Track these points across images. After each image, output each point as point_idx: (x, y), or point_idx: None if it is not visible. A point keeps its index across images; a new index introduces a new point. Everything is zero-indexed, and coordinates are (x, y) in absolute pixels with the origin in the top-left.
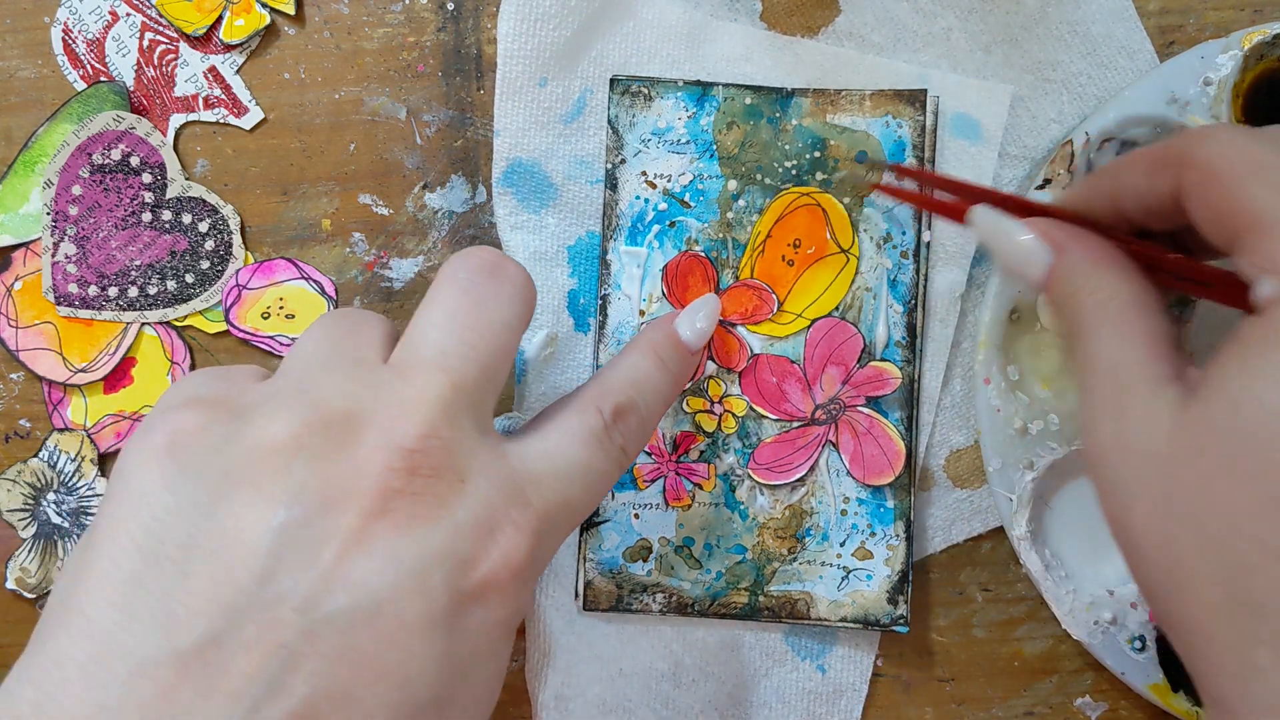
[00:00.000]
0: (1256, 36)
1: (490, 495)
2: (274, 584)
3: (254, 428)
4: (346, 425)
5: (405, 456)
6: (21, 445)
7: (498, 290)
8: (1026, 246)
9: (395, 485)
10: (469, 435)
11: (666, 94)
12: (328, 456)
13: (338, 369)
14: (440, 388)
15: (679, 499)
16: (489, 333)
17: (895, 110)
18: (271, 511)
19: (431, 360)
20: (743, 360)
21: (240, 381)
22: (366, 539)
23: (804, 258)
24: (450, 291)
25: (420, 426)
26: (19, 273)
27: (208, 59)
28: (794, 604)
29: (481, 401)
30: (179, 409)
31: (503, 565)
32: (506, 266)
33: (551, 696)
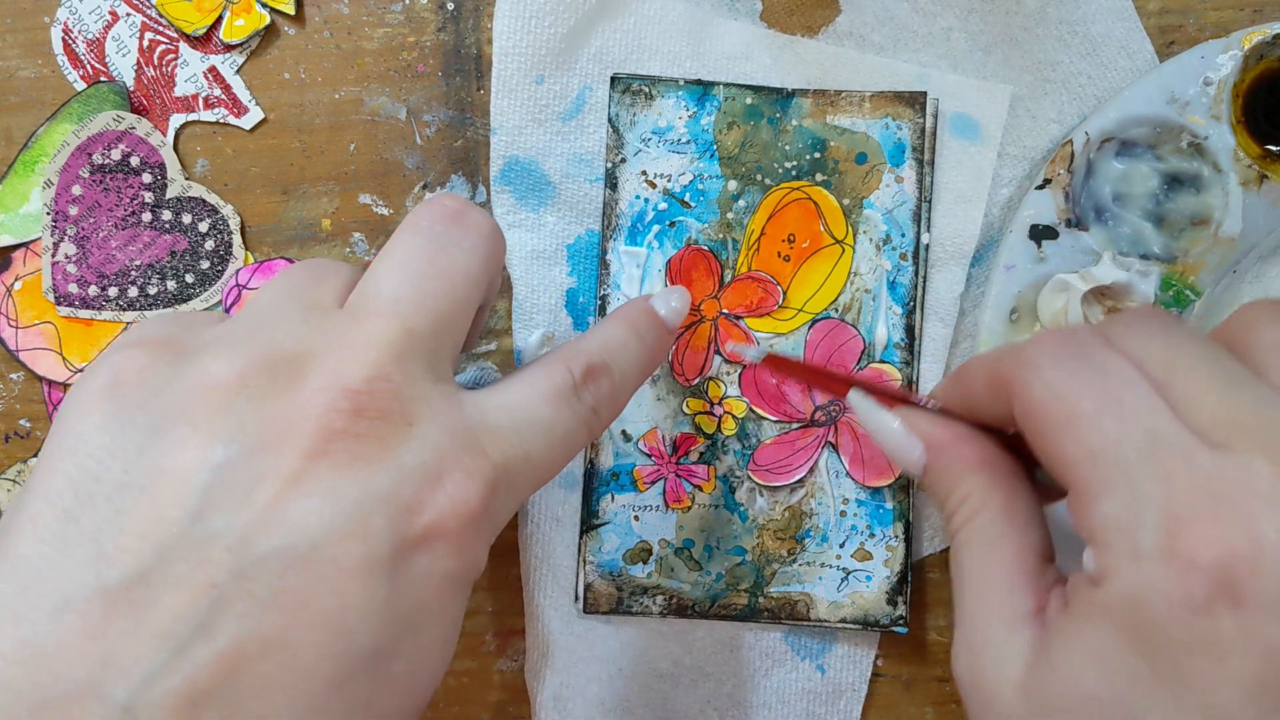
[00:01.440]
0: (1256, 36)
1: (440, 441)
2: (207, 522)
3: (197, 366)
4: (292, 366)
5: (350, 397)
6: (21, 445)
7: (460, 237)
8: (899, 438)
9: (338, 426)
10: (420, 381)
11: (667, 93)
12: (270, 396)
13: (290, 313)
14: (391, 332)
15: (679, 501)
16: (447, 280)
17: (895, 112)
18: (209, 449)
19: (385, 305)
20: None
21: (194, 325)
22: (305, 479)
23: (799, 252)
24: (409, 238)
25: (367, 369)
26: (19, 273)
27: (208, 59)
28: (794, 605)
29: (437, 349)
30: (126, 348)
31: (450, 512)
32: (471, 214)
33: (550, 696)
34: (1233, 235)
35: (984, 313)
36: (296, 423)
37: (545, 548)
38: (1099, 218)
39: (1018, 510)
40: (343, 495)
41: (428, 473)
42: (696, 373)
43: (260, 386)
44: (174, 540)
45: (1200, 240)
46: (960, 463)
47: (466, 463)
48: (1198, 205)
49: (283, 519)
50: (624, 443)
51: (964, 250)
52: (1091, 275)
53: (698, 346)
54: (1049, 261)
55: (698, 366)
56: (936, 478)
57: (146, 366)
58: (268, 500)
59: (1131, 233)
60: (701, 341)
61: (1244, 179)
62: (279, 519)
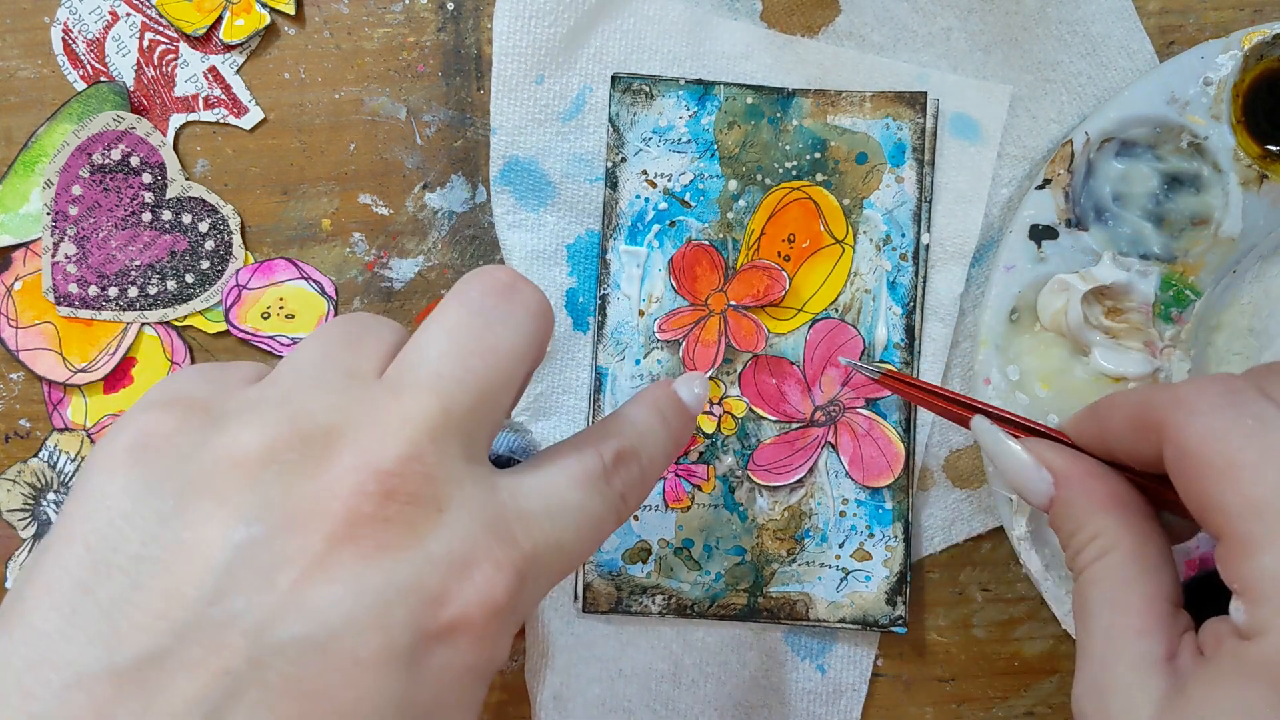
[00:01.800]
0: (1256, 36)
1: (470, 529)
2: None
3: (227, 436)
4: (325, 441)
5: (380, 479)
6: (21, 445)
7: (509, 313)
8: (1027, 470)
9: (366, 509)
10: (455, 463)
11: (668, 93)
12: (299, 473)
13: (327, 381)
14: (429, 410)
15: (678, 501)
16: (492, 357)
17: (895, 112)
18: (232, 526)
19: (425, 380)
20: (761, 342)
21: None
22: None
23: (799, 252)
24: (457, 310)
25: (401, 448)
26: (19, 273)
27: (208, 59)
28: (793, 605)
29: (475, 430)
30: (154, 408)
31: (477, 605)
32: (522, 289)
33: (550, 697)
34: (1233, 235)
35: (984, 313)
36: (323, 504)
37: None
38: (1099, 218)
39: (1150, 553)
40: (366, 584)
41: (455, 563)
42: (709, 366)
43: (289, 462)
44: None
45: (1200, 240)
46: (1091, 499)
47: (496, 553)
48: (1198, 205)
49: (302, 606)
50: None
51: (964, 250)
52: (1091, 275)
53: (708, 340)
54: (1049, 261)
55: (709, 360)
56: (1064, 511)
57: (175, 430)
58: (289, 585)
59: (1131, 233)
60: (712, 335)
61: (1244, 179)
62: (299, 606)
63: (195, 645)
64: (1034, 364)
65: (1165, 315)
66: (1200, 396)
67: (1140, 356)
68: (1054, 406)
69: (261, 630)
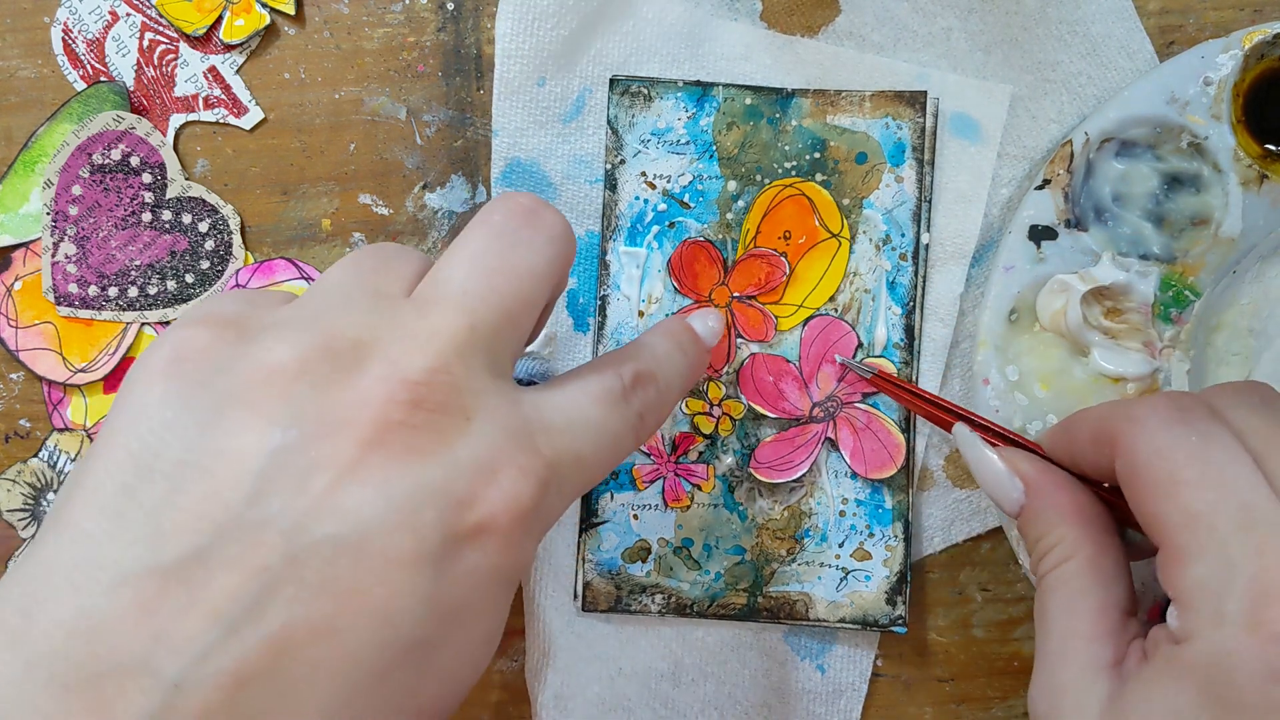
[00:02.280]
0: (1256, 36)
1: (496, 436)
2: (262, 506)
3: (260, 349)
4: (354, 354)
5: (409, 388)
6: (21, 445)
7: (531, 235)
8: (1001, 478)
9: (395, 416)
10: (480, 376)
11: (666, 94)
12: (330, 383)
13: (356, 299)
14: (455, 324)
15: (678, 500)
16: (515, 277)
17: (895, 112)
18: (267, 434)
19: (452, 298)
20: (770, 331)
21: (261, 305)
22: (360, 468)
23: (796, 248)
24: (481, 232)
25: (429, 360)
26: (19, 273)
27: (208, 59)
28: (792, 605)
29: (499, 345)
30: (191, 325)
31: (502, 508)
32: (544, 213)
33: (551, 696)
34: (1233, 235)
35: (983, 313)
36: (354, 411)
37: (546, 547)
38: (1098, 218)
39: (1106, 563)
40: (395, 486)
41: (482, 468)
42: (723, 361)
43: (321, 373)
44: (229, 522)
45: (1200, 240)
46: (1057, 509)
47: (521, 460)
48: (1198, 205)
49: (336, 507)
50: None
51: (964, 250)
52: (1091, 276)
53: None
54: (1048, 262)
55: (722, 355)
56: (1031, 519)
57: (210, 345)
58: (322, 488)
59: (1131, 233)
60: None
61: (1244, 179)
62: (332, 507)
63: (234, 544)
64: (1033, 364)
65: (1165, 316)
66: (1150, 413)
67: (1140, 357)
68: (1053, 407)
69: (297, 530)
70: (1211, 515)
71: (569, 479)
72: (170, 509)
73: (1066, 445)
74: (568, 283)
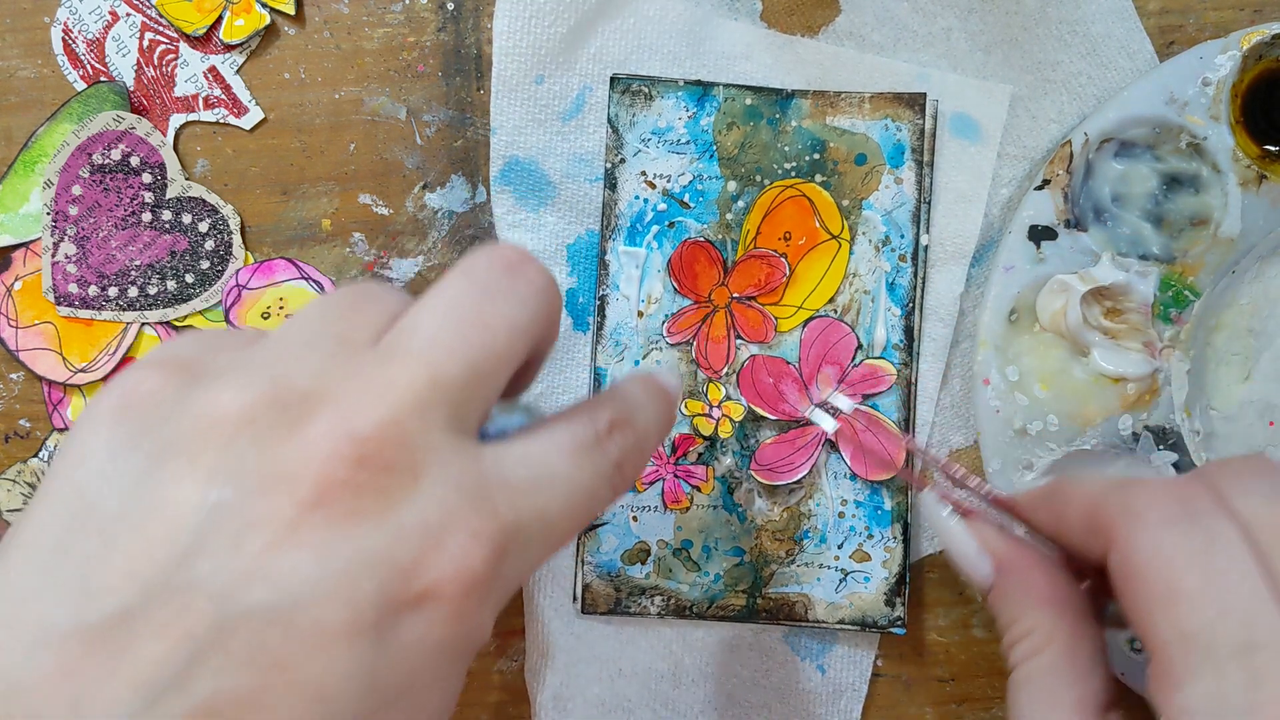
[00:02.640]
0: (1255, 37)
1: (446, 498)
2: (193, 567)
3: (207, 396)
4: (303, 405)
5: (356, 444)
6: (21, 445)
7: (511, 287)
8: (969, 553)
9: (339, 474)
10: (437, 433)
11: (667, 94)
12: (274, 436)
13: (317, 346)
14: (416, 377)
15: (677, 502)
16: (489, 331)
17: (895, 113)
18: (204, 488)
19: (417, 348)
20: (770, 332)
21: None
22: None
23: (796, 249)
24: (459, 281)
25: (381, 414)
26: (19, 273)
27: (208, 59)
28: (792, 606)
29: (464, 402)
30: (143, 368)
31: (450, 576)
32: (527, 266)
33: (550, 697)
34: (1232, 235)
35: (983, 313)
36: (296, 467)
37: None
38: (1098, 218)
39: (1081, 655)
40: (334, 552)
41: (429, 532)
42: (723, 362)
43: (266, 424)
44: (158, 583)
45: (1199, 240)
46: (1028, 592)
47: (474, 522)
48: (1197, 205)
49: (269, 572)
50: None
51: (964, 250)
52: (1090, 276)
53: (718, 337)
54: (1048, 262)
55: (723, 356)
56: (1001, 601)
57: (158, 389)
58: (257, 550)
59: (1130, 233)
60: (720, 330)
61: (1243, 179)
62: (265, 572)
63: (162, 607)
64: (1033, 364)
65: (1164, 316)
66: (1150, 506)
67: (1139, 357)
68: (1053, 407)
69: (227, 596)
70: (1210, 634)
71: (533, 541)
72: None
73: (1053, 519)
74: (556, 336)
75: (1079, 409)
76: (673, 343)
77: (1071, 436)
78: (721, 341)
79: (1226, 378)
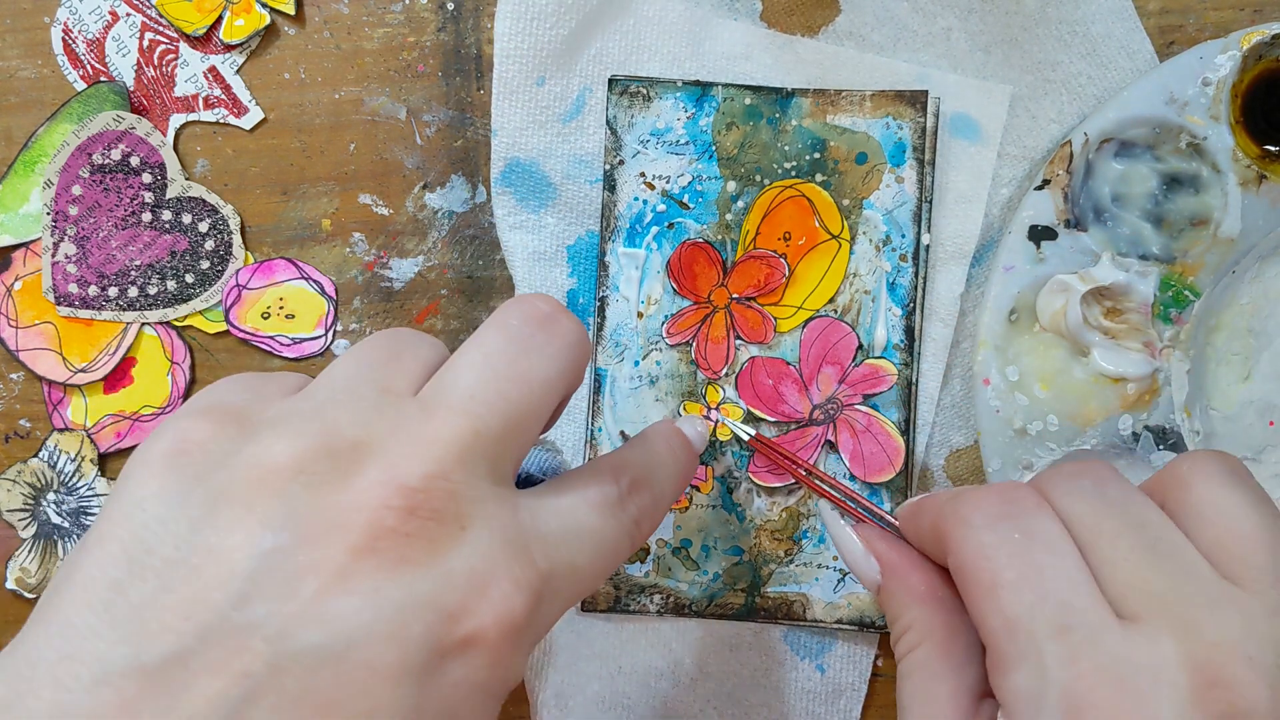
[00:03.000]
0: (1255, 37)
1: (491, 547)
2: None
3: (259, 445)
4: (353, 455)
5: (405, 494)
6: (21, 445)
7: (546, 342)
8: (858, 556)
9: (389, 523)
10: (480, 484)
11: (665, 94)
12: (326, 485)
13: (362, 396)
14: (459, 430)
15: (676, 501)
16: (525, 384)
17: (896, 111)
18: (258, 535)
19: (458, 402)
20: (769, 332)
21: (266, 393)
22: (349, 576)
23: (796, 249)
24: (495, 335)
25: (428, 465)
26: (19, 273)
27: (208, 59)
28: (790, 606)
29: (503, 452)
30: (193, 416)
31: (493, 622)
32: (560, 320)
33: (551, 694)
34: (1232, 235)
35: (983, 313)
36: (348, 516)
37: None
38: (1098, 218)
39: (956, 648)
40: (384, 596)
41: (474, 580)
42: (722, 363)
43: (318, 473)
44: (214, 624)
45: (1199, 241)
46: (908, 591)
47: (515, 572)
48: (1197, 206)
49: (322, 615)
50: (623, 443)
51: (964, 250)
52: (1090, 276)
53: (717, 338)
54: (1048, 262)
55: (722, 357)
56: (887, 599)
57: (210, 438)
58: (310, 594)
59: (1130, 233)
60: (720, 331)
61: (1243, 179)
62: (318, 615)
63: (218, 648)
64: (1033, 364)
65: (1164, 316)
66: (976, 510)
67: (1139, 357)
68: (1053, 407)
69: (282, 637)
70: (1030, 620)
71: (563, 589)
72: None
73: (915, 533)
74: (582, 380)
75: (1079, 409)
76: (672, 344)
77: (1071, 436)
78: (721, 342)
79: (1226, 378)
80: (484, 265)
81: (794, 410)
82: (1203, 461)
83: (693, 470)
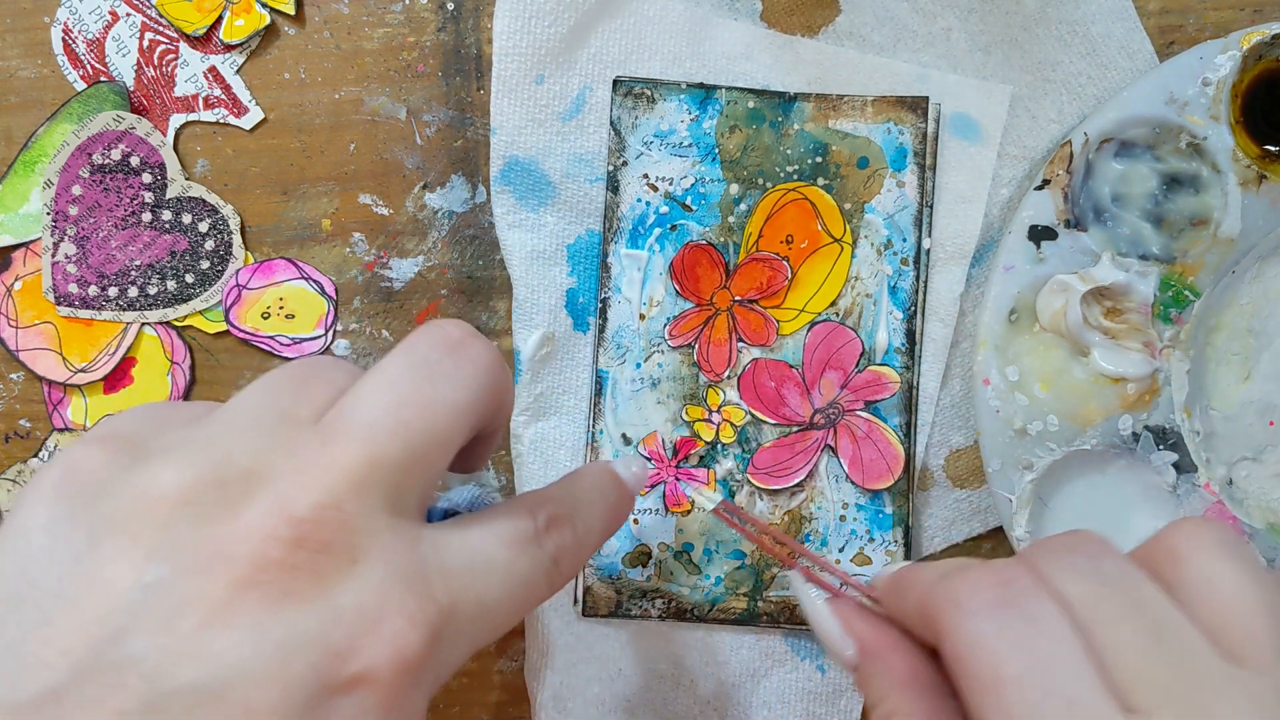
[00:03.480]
0: (1255, 37)
1: (385, 581)
2: (127, 645)
3: (147, 474)
4: (244, 484)
5: (293, 525)
6: (21, 445)
7: (454, 369)
8: (834, 635)
9: (274, 554)
10: (375, 515)
11: (669, 96)
12: (212, 515)
13: (259, 424)
14: (355, 459)
15: (678, 505)
16: (429, 411)
17: (897, 116)
18: (141, 567)
19: (357, 429)
20: (772, 335)
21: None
22: (231, 611)
23: (798, 252)
24: (400, 362)
25: (319, 495)
26: (19, 273)
27: (208, 59)
28: (792, 609)
29: (403, 483)
30: (87, 444)
31: (385, 660)
32: (470, 345)
33: (550, 696)
34: (1232, 235)
35: (983, 313)
36: (232, 547)
37: None
38: (1098, 218)
39: None
40: (266, 633)
41: (364, 615)
42: (724, 365)
43: (205, 503)
44: (91, 661)
45: (1199, 240)
46: (890, 675)
47: (410, 606)
48: (1197, 206)
49: (200, 652)
50: (624, 446)
51: (964, 250)
52: (1090, 276)
53: (719, 340)
54: (1048, 262)
55: (724, 359)
56: (866, 682)
57: (100, 467)
58: (189, 629)
59: (1130, 233)
60: (722, 334)
61: (1243, 179)
62: (197, 651)
63: (93, 685)
64: (1033, 364)
65: (1164, 316)
66: (972, 595)
67: (1139, 357)
68: (1053, 407)
69: (158, 674)
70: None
71: (468, 628)
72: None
73: (897, 607)
74: (509, 411)
75: (1079, 409)
76: (674, 345)
77: (1071, 436)
78: (723, 344)
79: (1226, 378)
80: (484, 265)
81: (795, 413)
82: (1195, 532)
83: (626, 510)
